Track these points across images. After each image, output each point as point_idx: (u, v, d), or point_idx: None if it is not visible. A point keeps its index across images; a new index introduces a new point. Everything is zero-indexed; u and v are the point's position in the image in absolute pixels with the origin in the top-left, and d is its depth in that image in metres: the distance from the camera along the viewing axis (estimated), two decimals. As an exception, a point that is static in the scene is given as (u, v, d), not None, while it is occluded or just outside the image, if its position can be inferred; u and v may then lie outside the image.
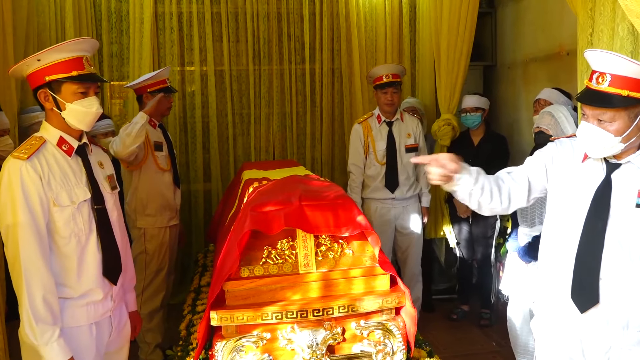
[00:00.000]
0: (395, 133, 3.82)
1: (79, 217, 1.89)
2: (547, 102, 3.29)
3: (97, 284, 1.93)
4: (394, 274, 2.01)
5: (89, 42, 1.94)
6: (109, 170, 2.11)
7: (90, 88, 1.92)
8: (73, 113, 1.89)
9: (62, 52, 1.85)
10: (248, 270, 1.95)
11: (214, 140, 4.60)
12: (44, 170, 1.83)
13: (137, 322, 2.26)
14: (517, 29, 4.54)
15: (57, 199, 1.84)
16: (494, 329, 4.00)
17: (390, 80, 3.72)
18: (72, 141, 1.94)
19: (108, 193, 2.03)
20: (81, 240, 1.90)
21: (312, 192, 2.12)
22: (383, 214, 3.83)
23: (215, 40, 4.57)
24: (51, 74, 1.85)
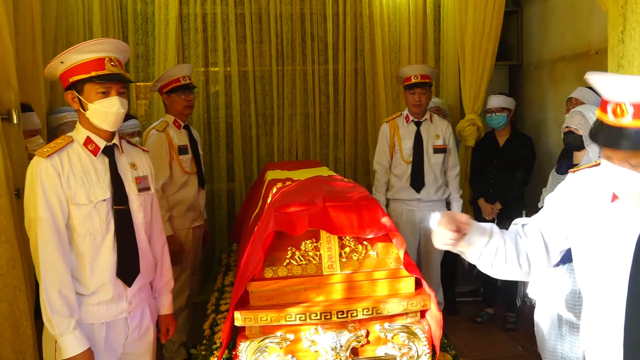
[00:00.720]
0: (424, 133, 3.77)
1: (96, 216, 1.91)
2: (579, 102, 3.22)
3: (110, 284, 1.94)
4: (419, 277, 1.98)
5: (111, 43, 1.96)
6: (143, 172, 2.11)
7: (112, 88, 1.93)
8: (95, 113, 1.92)
9: (83, 54, 1.88)
10: (272, 271, 1.94)
11: (238, 140, 4.63)
12: (64, 168, 1.87)
13: (171, 325, 2.26)
14: (544, 28, 4.46)
15: (75, 197, 1.87)
16: (520, 332, 3.93)
17: (418, 81, 3.67)
18: (99, 141, 1.97)
19: (135, 194, 2.04)
20: (96, 239, 1.92)
21: (336, 193, 2.11)
22: (408, 216, 3.79)
23: (239, 41, 4.59)
24: (74, 75, 1.90)
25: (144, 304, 2.11)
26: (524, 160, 3.90)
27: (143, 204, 2.08)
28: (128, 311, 2.01)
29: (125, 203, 1.99)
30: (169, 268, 2.25)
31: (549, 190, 2.85)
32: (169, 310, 2.24)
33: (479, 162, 4.12)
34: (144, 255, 2.07)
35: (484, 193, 4.02)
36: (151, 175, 2.17)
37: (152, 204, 2.17)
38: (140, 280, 2.04)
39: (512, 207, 3.92)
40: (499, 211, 3.94)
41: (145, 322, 2.11)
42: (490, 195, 3.98)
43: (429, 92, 3.75)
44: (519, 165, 3.90)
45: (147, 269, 2.09)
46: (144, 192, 2.09)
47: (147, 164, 2.17)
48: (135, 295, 2.03)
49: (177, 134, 3.38)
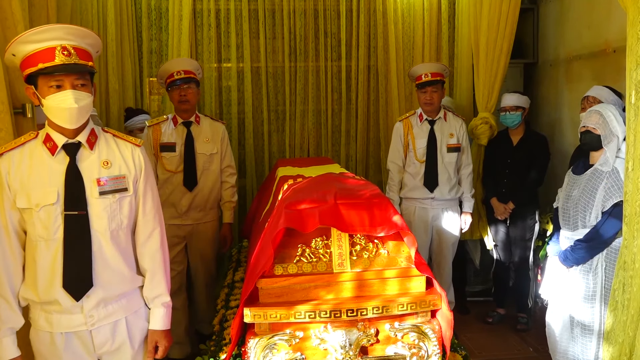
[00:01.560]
0: (437, 132, 3.74)
1: (41, 221, 1.75)
2: (597, 100, 3.17)
3: (58, 295, 1.77)
4: (430, 276, 1.97)
5: (59, 29, 1.70)
6: (121, 170, 1.87)
7: (64, 81, 1.71)
8: (48, 109, 1.74)
9: (29, 44, 1.68)
10: (282, 268, 1.94)
11: (249, 136, 4.63)
12: (14, 166, 1.75)
13: (160, 343, 2.00)
14: (561, 25, 4.40)
15: (18, 200, 1.74)
16: (531, 334, 3.89)
17: (429, 80, 3.64)
18: (59, 139, 1.78)
19: (95, 198, 1.80)
20: (44, 247, 1.76)
21: (347, 191, 2.09)
22: (421, 215, 3.77)
23: (252, 37, 4.59)
24: (25, 68, 1.72)
25: (119, 317, 1.89)
26: (538, 160, 3.86)
27: (109, 208, 1.83)
28: (88, 324, 1.82)
29: (81, 208, 1.78)
30: (162, 280, 1.98)
31: (564, 190, 2.81)
32: (159, 326, 1.99)
33: (491, 161, 4.08)
34: (108, 266, 1.84)
35: (496, 192, 3.98)
36: (141, 172, 1.93)
37: (136, 206, 1.93)
38: (102, 293, 1.82)
39: (525, 207, 3.88)
40: (512, 211, 3.90)
41: (119, 337, 1.90)
42: (503, 194, 3.94)
43: (441, 90, 3.70)
44: (533, 164, 3.85)
45: (114, 281, 1.85)
46: (110, 195, 1.83)
47: (134, 160, 1.92)
48: (97, 309, 1.83)
49: (171, 130, 3.32)
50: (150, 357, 2.01)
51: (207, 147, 3.38)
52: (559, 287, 2.80)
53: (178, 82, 3.26)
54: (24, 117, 2.33)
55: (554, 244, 2.90)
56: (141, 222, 1.95)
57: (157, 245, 1.99)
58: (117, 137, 1.94)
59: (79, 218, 1.78)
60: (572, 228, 2.70)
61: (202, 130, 3.40)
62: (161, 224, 2.02)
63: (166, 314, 2.02)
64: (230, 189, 3.53)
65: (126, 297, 1.92)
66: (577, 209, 2.65)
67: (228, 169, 3.52)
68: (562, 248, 2.77)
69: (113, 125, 4.26)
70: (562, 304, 2.78)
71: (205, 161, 3.37)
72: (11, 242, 1.77)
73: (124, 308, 1.91)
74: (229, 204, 3.51)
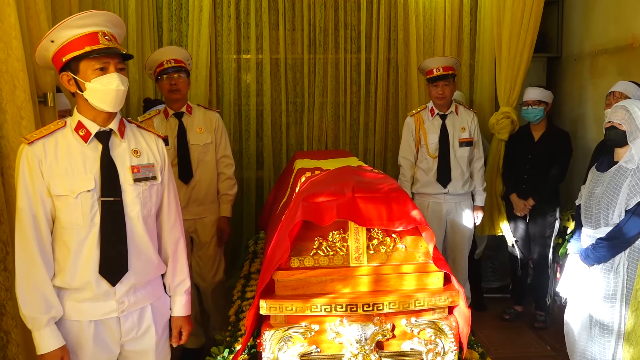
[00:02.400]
0: (449, 126, 3.69)
1: (78, 208, 1.76)
2: (623, 96, 3.10)
3: (93, 281, 1.79)
4: (448, 272, 1.94)
5: (101, 15, 1.78)
6: (148, 159, 1.92)
7: (110, 64, 1.76)
8: (93, 92, 1.75)
9: (73, 29, 1.72)
10: (298, 261, 1.93)
11: (268, 128, 4.63)
12: (47, 155, 1.75)
13: (184, 328, 2.07)
14: (586, 19, 4.31)
15: (53, 187, 1.75)
16: (549, 332, 3.85)
17: (440, 74, 3.59)
18: (92, 126, 1.81)
19: (129, 185, 1.84)
20: (80, 233, 1.77)
21: (365, 184, 2.07)
22: (434, 209, 3.73)
23: (271, 29, 4.58)
24: (66, 53, 1.74)
25: (145, 304, 1.93)
26: (560, 156, 3.79)
27: (141, 195, 1.87)
28: (119, 311, 1.85)
29: (117, 194, 1.82)
30: (184, 266, 2.05)
31: (587, 187, 2.76)
32: (182, 312, 2.05)
33: (512, 156, 4.02)
34: (140, 252, 1.88)
35: (516, 188, 3.93)
36: (165, 163, 1.98)
37: (161, 194, 1.98)
38: (133, 279, 1.86)
39: (545, 204, 3.83)
40: (532, 208, 3.84)
41: (145, 323, 1.93)
42: (523, 190, 3.89)
43: (452, 84, 3.66)
44: (555, 160, 3.79)
45: (144, 267, 1.90)
46: (142, 182, 1.88)
47: (159, 150, 1.97)
48: (127, 295, 1.86)
49: (163, 123, 3.22)
50: (176, 342, 2.07)
51: (200, 137, 3.27)
52: (578, 286, 2.76)
53: (169, 71, 3.16)
54: (46, 106, 2.35)
55: (575, 241, 2.85)
56: (165, 210, 2.00)
57: (179, 233, 2.05)
58: (141, 128, 1.99)
59: (115, 204, 1.81)
60: (594, 226, 2.65)
61: (195, 120, 3.29)
62: (180, 213, 2.08)
63: (188, 300, 2.07)
64: (227, 180, 3.40)
65: (152, 284, 1.97)
66: (600, 207, 2.60)
67: (224, 159, 3.39)
68: (584, 246, 2.72)
69: (133, 115, 4.29)
70: (581, 303, 2.74)
71: (199, 152, 3.26)
72: (46, 230, 1.77)
73: (150, 295, 1.95)
74: (226, 197, 3.39)
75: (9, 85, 2.07)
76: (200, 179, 3.28)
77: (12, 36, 2.05)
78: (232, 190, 3.43)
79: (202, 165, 3.29)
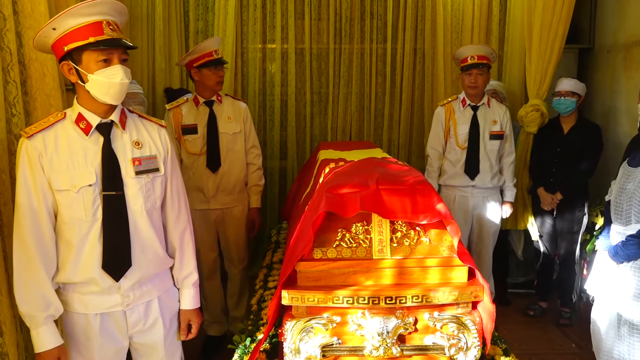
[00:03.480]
0: (480, 118, 3.62)
1: (80, 202, 1.72)
2: None
3: (96, 276, 1.77)
4: (472, 267, 1.92)
5: (107, 4, 1.70)
6: (151, 151, 1.87)
7: (114, 55, 1.71)
8: (96, 85, 1.70)
9: (77, 17, 1.66)
10: (321, 252, 1.92)
11: (292, 118, 4.63)
12: (47, 149, 1.70)
13: (193, 321, 2.04)
14: (621, 9, 4.17)
15: (54, 181, 1.71)
16: (574, 329, 3.78)
17: (475, 62, 3.52)
18: (92, 118, 1.76)
19: (131, 178, 1.80)
20: (82, 228, 1.74)
21: (390, 176, 2.05)
22: (461, 203, 3.68)
23: (297, 18, 4.56)
24: (69, 42, 1.67)
25: (152, 297, 1.91)
26: (590, 150, 3.70)
27: (144, 188, 1.83)
28: (124, 305, 1.83)
29: (119, 188, 1.77)
30: (191, 259, 2.02)
31: (618, 183, 2.69)
32: (190, 305, 2.02)
33: (540, 149, 3.94)
34: (145, 246, 1.85)
35: (544, 182, 3.85)
36: (168, 153, 1.93)
37: (165, 186, 1.93)
38: (138, 273, 1.84)
39: (574, 199, 3.75)
40: (560, 202, 3.77)
41: (152, 316, 1.92)
42: (550, 184, 3.81)
43: (486, 74, 3.58)
44: (585, 154, 3.70)
45: (149, 261, 1.88)
46: (144, 175, 1.83)
47: (161, 141, 1.92)
48: (133, 289, 1.84)
49: (192, 111, 3.21)
50: (184, 335, 2.04)
51: (229, 126, 3.26)
52: (607, 283, 2.70)
53: (217, 63, 3.17)
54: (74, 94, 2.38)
55: (604, 238, 2.78)
56: (169, 202, 1.96)
57: (185, 224, 2.01)
58: (143, 118, 1.94)
59: (117, 198, 1.77)
60: (625, 223, 2.58)
61: (224, 109, 3.28)
62: (187, 204, 2.04)
63: (196, 293, 2.04)
64: (257, 171, 3.42)
65: (159, 277, 1.95)
66: (631, 203, 2.53)
67: (253, 149, 3.40)
68: (613, 243, 2.66)
69: (159, 104, 4.33)
70: (609, 301, 2.68)
71: (228, 141, 3.25)
72: (48, 226, 1.73)
73: (157, 288, 1.93)
74: (256, 188, 3.42)
75: (39, 73, 2.11)
76: (229, 168, 3.28)
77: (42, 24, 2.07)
78: (261, 180, 3.45)
79: (231, 155, 3.28)
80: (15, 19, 2.03)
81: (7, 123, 1.99)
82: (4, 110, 1.95)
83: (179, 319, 2.04)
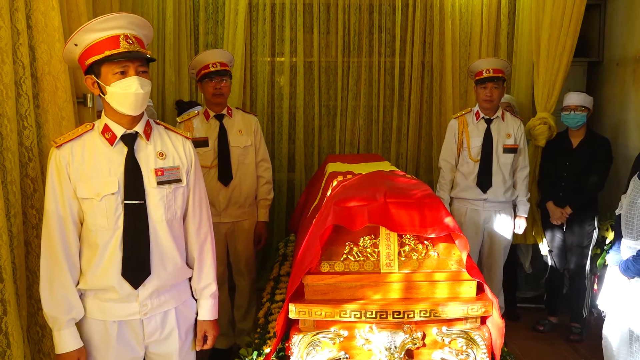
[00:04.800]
0: (494, 131, 3.61)
1: (102, 210, 1.78)
2: None
3: (115, 283, 1.80)
4: (481, 281, 1.90)
5: (123, 18, 1.76)
6: (174, 162, 1.91)
7: (129, 67, 1.76)
8: (113, 96, 1.76)
9: (94, 32, 1.73)
10: (328, 265, 1.92)
11: (300, 131, 4.64)
12: (74, 158, 1.77)
13: (209, 333, 2.05)
14: (630, 22, 4.17)
15: (79, 190, 1.77)
16: (585, 345, 3.73)
17: (490, 75, 3.52)
18: (117, 129, 1.82)
19: (153, 188, 1.84)
20: (104, 235, 1.79)
21: (398, 190, 2.05)
22: (472, 216, 3.65)
23: (305, 32, 4.59)
24: (89, 57, 1.76)
25: (169, 307, 1.93)
26: (600, 164, 3.68)
27: (165, 198, 1.86)
28: (142, 313, 1.85)
29: (140, 197, 1.82)
30: (210, 270, 2.03)
31: (628, 197, 2.66)
32: (207, 316, 2.03)
33: (549, 163, 3.92)
34: (164, 256, 1.88)
35: (553, 196, 3.82)
36: (192, 164, 1.96)
37: (187, 197, 1.96)
38: (156, 282, 1.86)
39: (583, 213, 3.72)
40: (569, 216, 3.74)
41: (168, 326, 1.93)
42: (560, 198, 3.78)
43: (501, 88, 3.57)
44: (594, 168, 3.67)
45: (168, 271, 1.90)
46: (166, 185, 1.87)
47: (186, 152, 1.96)
48: (150, 298, 1.86)
49: (203, 124, 3.22)
50: (200, 346, 2.05)
51: (240, 139, 3.28)
52: (618, 299, 2.67)
53: (213, 75, 3.16)
54: (85, 107, 2.40)
55: (614, 252, 2.75)
56: (191, 213, 1.98)
57: (206, 235, 2.03)
58: (169, 130, 1.98)
59: (138, 207, 1.81)
60: (636, 237, 2.55)
61: (235, 122, 3.31)
62: (209, 216, 2.06)
63: (214, 304, 2.05)
64: (266, 185, 3.42)
65: (177, 287, 1.96)
66: (642, 217, 2.51)
67: (263, 162, 3.41)
68: (624, 258, 2.63)
69: (168, 117, 4.36)
70: (621, 317, 2.65)
71: (239, 154, 3.27)
72: (73, 233, 1.79)
73: (174, 298, 1.94)
74: (265, 202, 3.42)
75: (51, 86, 2.13)
76: (240, 181, 3.29)
77: (56, 39, 2.11)
78: (270, 194, 3.45)
79: (242, 168, 3.30)
80: (29, 33, 2.05)
81: (18, 135, 2.00)
82: (15, 122, 1.96)
83: (195, 329, 2.05)
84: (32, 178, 2.05)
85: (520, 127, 3.67)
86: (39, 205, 2.06)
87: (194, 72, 3.27)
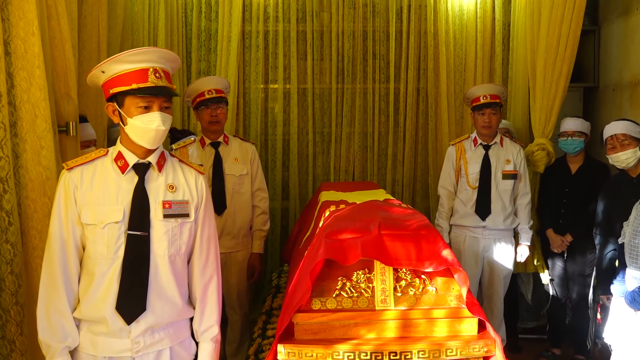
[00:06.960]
0: (493, 157, 3.55)
1: (104, 238, 1.74)
2: None
3: (108, 316, 1.74)
4: (483, 319, 1.79)
5: (155, 52, 1.78)
6: (184, 196, 1.86)
7: (154, 103, 1.76)
8: (133, 129, 1.76)
9: (124, 64, 1.74)
10: (320, 302, 1.82)
11: (294, 158, 4.57)
12: (83, 182, 1.75)
13: None
14: (625, 47, 4.15)
15: (83, 215, 1.74)
16: (590, 378, 3.60)
17: (488, 101, 3.47)
18: (130, 158, 1.80)
19: (159, 220, 1.79)
20: (103, 265, 1.74)
21: (392, 221, 1.96)
22: (471, 244, 3.56)
23: (299, 59, 4.56)
24: (114, 86, 1.76)
25: (164, 347, 1.83)
26: (599, 190, 3.60)
27: (170, 232, 1.81)
28: (133, 351, 1.76)
29: (144, 229, 1.77)
30: (213, 312, 1.92)
31: (631, 225, 2.57)
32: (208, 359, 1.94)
33: (548, 189, 3.84)
34: (162, 293, 1.80)
35: (553, 223, 3.74)
36: (202, 200, 1.91)
37: (195, 233, 1.91)
38: (151, 319, 1.78)
39: (584, 240, 3.62)
40: (570, 244, 3.65)
41: None
42: (560, 225, 3.70)
43: (499, 113, 3.53)
44: (593, 195, 3.60)
45: (165, 309, 1.81)
46: (172, 219, 1.82)
47: (197, 187, 1.91)
48: (144, 336, 1.78)
49: (199, 152, 3.18)
50: None
51: (236, 168, 3.22)
52: (625, 331, 2.56)
53: (209, 102, 3.12)
54: (68, 136, 2.33)
55: (619, 283, 2.65)
56: (198, 250, 1.92)
57: (212, 275, 1.94)
58: (183, 163, 1.95)
59: (141, 239, 1.77)
60: (641, 267, 2.46)
61: (231, 150, 3.25)
62: (217, 255, 1.98)
63: (215, 348, 1.94)
64: (262, 215, 3.33)
65: (174, 327, 1.87)
66: (648, 247, 2.41)
67: (259, 192, 3.33)
68: (629, 288, 2.53)
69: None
70: (628, 350, 2.53)
71: (234, 183, 3.21)
72: (74, 258, 1.76)
73: (170, 337, 1.85)
74: (260, 233, 3.32)
75: (30, 114, 2.05)
76: (234, 211, 3.21)
77: (36, 65, 2.04)
78: (265, 225, 3.36)
79: (237, 197, 3.22)
80: (7, 59, 1.99)
81: (-7, 165, 1.92)
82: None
83: None
84: (6, 211, 1.96)
85: (520, 153, 3.61)
86: (14, 239, 1.96)
87: (190, 100, 3.23)
